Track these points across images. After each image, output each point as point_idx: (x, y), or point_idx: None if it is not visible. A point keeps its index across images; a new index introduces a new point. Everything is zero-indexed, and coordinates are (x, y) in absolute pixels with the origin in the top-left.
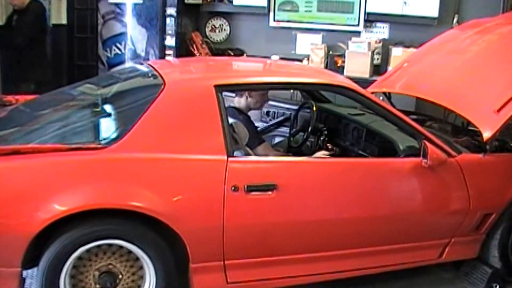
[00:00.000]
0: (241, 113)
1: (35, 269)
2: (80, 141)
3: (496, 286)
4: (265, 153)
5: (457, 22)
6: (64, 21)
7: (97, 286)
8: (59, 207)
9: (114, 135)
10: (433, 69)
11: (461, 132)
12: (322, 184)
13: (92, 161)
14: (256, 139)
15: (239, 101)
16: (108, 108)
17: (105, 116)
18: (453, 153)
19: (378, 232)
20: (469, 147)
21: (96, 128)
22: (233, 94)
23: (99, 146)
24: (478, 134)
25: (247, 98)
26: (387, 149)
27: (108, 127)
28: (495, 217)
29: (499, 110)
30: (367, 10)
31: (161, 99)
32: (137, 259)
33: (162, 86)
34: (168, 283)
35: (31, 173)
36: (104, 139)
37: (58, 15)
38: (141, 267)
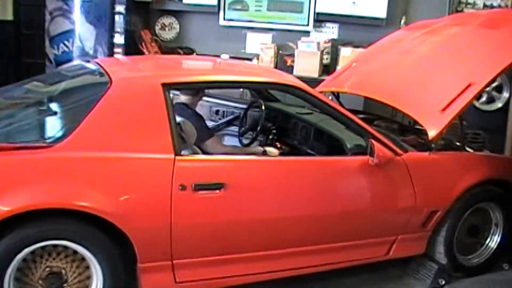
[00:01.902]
0: (189, 109)
1: None
2: (25, 140)
3: (442, 282)
4: (213, 148)
5: (405, 23)
6: (10, 17)
7: (43, 287)
8: (3, 207)
9: (59, 134)
10: (381, 69)
11: (408, 131)
12: (270, 183)
13: (37, 160)
14: (205, 134)
15: (190, 98)
16: (54, 106)
17: (51, 115)
18: (399, 151)
19: (326, 230)
20: (415, 145)
21: (42, 127)
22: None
23: (45, 145)
24: (424, 133)
25: (196, 94)
26: (335, 147)
27: (54, 126)
28: (440, 214)
29: (444, 110)
30: (317, 10)
31: (107, 97)
32: (83, 259)
33: (109, 84)
34: (116, 283)
35: None
36: (50, 137)
37: (4, 11)
38: (88, 268)
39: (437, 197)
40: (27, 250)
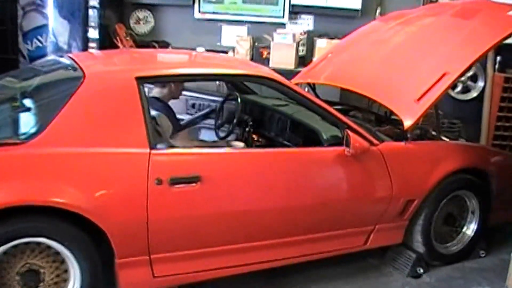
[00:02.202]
0: (161, 102)
1: None
2: None
3: (420, 270)
4: (182, 141)
5: (380, 14)
6: None
7: (20, 285)
8: None
9: (33, 130)
10: (357, 60)
11: (384, 121)
12: (247, 175)
13: (9, 157)
14: (174, 128)
15: (161, 91)
16: (27, 102)
17: (24, 110)
18: (375, 141)
19: (304, 221)
20: (391, 135)
21: (15, 123)
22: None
23: (18, 141)
24: (400, 122)
25: (170, 87)
26: (311, 139)
27: (27, 122)
28: (417, 203)
29: (419, 99)
30: (292, 2)
31: (81, 92)
32: (60, 256)
33: (82, 79)
34: (93, 279)
35: None
36: (23, 134)
37: None
38: (65, 264)
39: (414, 186)
40: (2, 248)
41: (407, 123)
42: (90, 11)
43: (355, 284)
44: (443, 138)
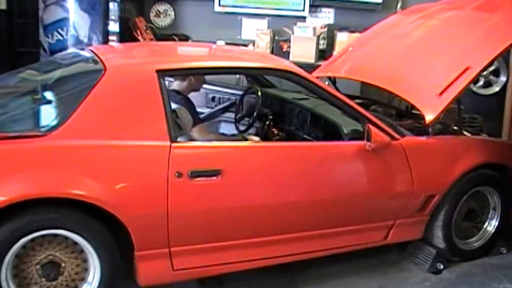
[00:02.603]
0: (181, 96)
1: None
2: (19, 129)
3: (440, 266)
4: (199, 135)
5: (401, 7)
6: (3, 6)
7: (40, 276)
8: None
9: (54, 122)
10: (378, 53)
11: (405, 115)
12: (268, 169)
13: (31, 149)
14: (195, 121)
15: (180, 84)
16: (48, 94)
17: (45, 103)
18: (396, 136)
19: (324, 215)
20: (412, 130)
21: (36, 115)
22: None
23: (39, 133)
24: (421, 117)
25: (190, 80)
26: (332, 133)
27: (48, 114)
28: (438, 199)
29: (441, 94)
30: None
31: (101, 84)
32: (80, 248)
33: (103, 72)
34: (113, 271)
35: None
36: (44, 126)
37: None
38: (85, 256)
39: (435, 181)
40: (24, 240)
41: (429, 117)
42: (111, 5)
43: (374, 279)
44: (465, 133)
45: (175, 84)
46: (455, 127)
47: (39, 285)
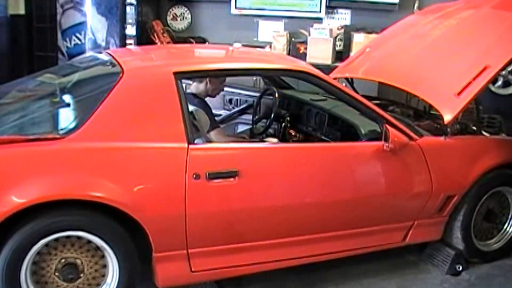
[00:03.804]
0: (197, 99)
1: None
2: (38, 131)
3: (459, 267)
4: (216, 138)
5: (418, 7)
6: (22, 11)
7: (59, 278)
8: (18, 199)
9: (72, 125)
10: (395, 54)
11: (423, 116)
12: (285, 170)
13: (50, 152)
14: (211, 124)
15: (197, 87)
16: (67, 97)
17: (63, 106)
18: (414, 136)
19: (342, 216)
20: (431, 130)
21: (55, 118)
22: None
23: (58, 136)
24: (440, 117)
25: (206, 84)
26: (350, 133)
27: (66, 117)
28: (457, 199)
29: (459, 94)
30: None
31: (119, 87)
32: (99, 249)
33: (121, 74)
34: (131, 272)
35: None
36: (63, 129)
37: (16, 5)
38: (104, 258)
39: (454, 181)
40: (43, 241)
41: (447, 117)
42: (128, 8)
43: (392, 281)
44: (484, 133)
45: (193, 87)
46: (474, 127)
47: (58, 286)
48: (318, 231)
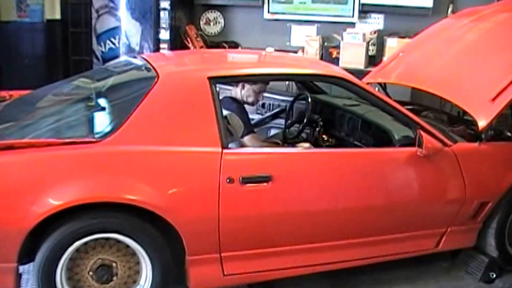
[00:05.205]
0: (236, 103)
1: (31, 264)
2: (74, 135)
3: (493, 275)
4: (251, 143)
5: (452, 11)
6: (58, 16)
7: (94, 280)
8: (54, 202)
9: (108, 129)
10: (428, 58)
11: (457, 121)
12: (318, 175)
13: (86, 155)
14: (245, 129)
15: (235, 92)
16: (102, 101)
17: (99, 110)
18: (448, 142)
19: (374, 222)
20: (464, 136)
21: (90, 122)
22: (230, 87)
23: (93, 139)
24: (474, 123)
25: (241, 89)
26: (383, 139)
27: (102, 121)
28: (491, 206)
29: (494, 99)
30: (362, 1)
31: (155, 91)
32: (133, 252)
33: (156, 79)
34: (165, 275)
35: (25, 168)
36: (98, 132)
37: (52, 10)
38: (138, 260)
39: (488, 188)
40: (79, 243)
41: (482, 123)
42: (161, 13)
43: (425, 287)
44: None
45: (233, 92)
46: (509, 133)
47: (89, 286)
48: (350, 237)
